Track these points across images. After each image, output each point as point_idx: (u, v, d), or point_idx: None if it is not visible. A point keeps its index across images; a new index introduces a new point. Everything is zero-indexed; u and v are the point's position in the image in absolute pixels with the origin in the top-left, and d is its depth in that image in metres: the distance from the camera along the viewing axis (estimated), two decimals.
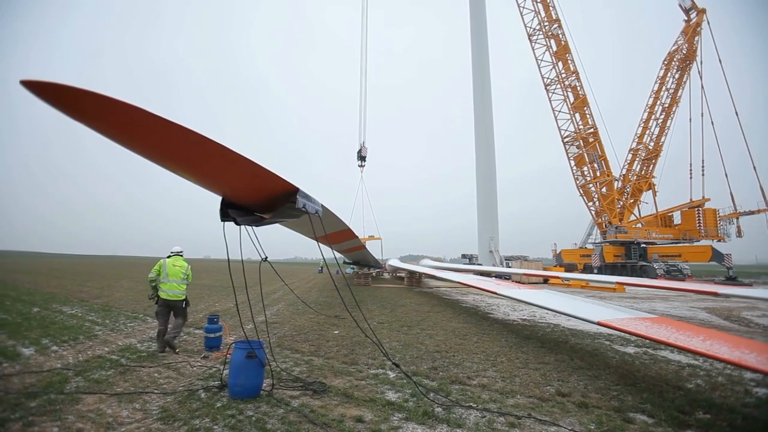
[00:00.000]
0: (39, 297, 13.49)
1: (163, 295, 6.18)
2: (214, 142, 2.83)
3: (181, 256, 6.64)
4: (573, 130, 36.21)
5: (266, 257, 4.94)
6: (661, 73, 38.23)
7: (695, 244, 35.95)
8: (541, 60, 36.29)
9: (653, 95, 38.33)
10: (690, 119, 36.98)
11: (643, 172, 38.20)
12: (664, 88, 37.86)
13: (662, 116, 37.85)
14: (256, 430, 3.58)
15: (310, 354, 6.42)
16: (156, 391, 4.52)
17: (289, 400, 4.30)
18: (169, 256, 6.49)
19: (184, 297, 6.37)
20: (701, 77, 36.36)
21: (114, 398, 4.28)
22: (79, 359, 5.83)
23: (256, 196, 4.16)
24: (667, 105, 37.77)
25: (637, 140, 38.50)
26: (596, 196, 36.84)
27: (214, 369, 5.44)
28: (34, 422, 3.65)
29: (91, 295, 14.47)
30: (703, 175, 36.24)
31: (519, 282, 21.07)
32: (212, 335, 6.55)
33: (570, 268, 34.68)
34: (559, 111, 36.40)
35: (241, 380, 4.36)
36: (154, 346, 6.72)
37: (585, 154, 36.02)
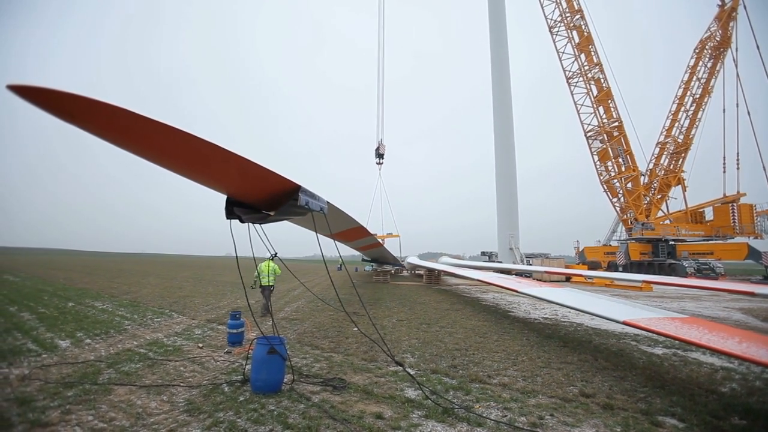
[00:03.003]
0: (73, 292, 14.19)
1: (263, 282, 9.23)
2: (207, 141, 2.84)
3: (272, 260, 9.24)
4: (596, 124, 35.03)
5: (276, 253, 5.02)
6: (692, 62, 36.44)
7: (729, 241, 34.19)
8: (563, 52, 35.21)
9: (683, 86, 36.58)
10: (724, 110, 35.12)
11: (671, 167, 36.58)
12: (695, 77, 36.08)
13: (693, 107, 36.09)
14: (277, 424, 3.65)
15: (330, 350, 6.49)
16: (182, 385, 4.67)
17: (309, 396, 4.37)
18: (264, 260, 9.27)
19: (273, 284, 9.50)
20: (736, 65, 34.38)
21: (143, 390, 4.46)
22: (110, 352, 6.11)
23: (258, 194, 4.20)
24: (698, 96, 35.98)
25: (665, 133, 36.91)
26: (621, 191, 35.58)
27: (237, 364, 5.58)
28: (71, 410, 3.85)
29: (121, 291, 15.11)
30: (738, 168, 34.37)
31: (540, 280, 20.63)
32: (234, 331, 6.71)
33: (593, 266, 33.69)
34: (582, 105, 35.28)
35: (263, 375, 4.46)
36: (179, 341, 6.98)
37: (609, 149, 34.80)
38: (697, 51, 36.36)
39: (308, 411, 3.95)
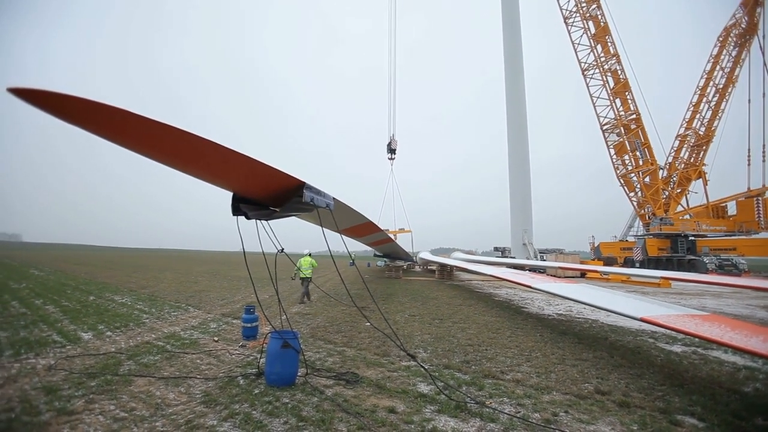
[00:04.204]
0: (94, 287, 14.63)
1: (301, 275, 11.05)
2: (209, 140, 2.85)
3: (310, 255, 11.50)
4: (613, 116, 34.21)
5: (282, 249, 5.07)
6: (715, 51, 35.18)
7: (753, 236, 33.06)
8: (578, 44, 34.43)
9: (705, 76, 35.39)
10: (749, 100, 33.88)
11: (692, 160, 35.54)
12: (718, 67, 34.82)
13: (715, 98, 34.91)
14: (292, 416, 3.70)
15: (343, 345, 6.54)
16: (199, 377, 4.78)
17: (323, 389, 4.42)
18: (303, 256, 11.30)
19: (310, 276, 11.31)
20: (763, 53, 33.03)
21: (161, 381, 4.58)
22: (130, 344, 6.29)
23: (263, 191, 4.23)
24: (721, 86, 34.74)
25: (685, 125, 35.83)
26: (638, 186, 34.74)
27: (252, 357, 5.68)
28: (95, 400, 3.98)
29: (139, 286, 15.51)
30: (763, 161, 33.16)
31: (554, 276, 20.37)
32: (249, 325, 6.82)
33: (609, 261, 33.06)
34: (598, 97, 34.47)
35: (277, 369, 4.52)
36: (195, 334, 7.14)
37: (626, 142, 33.98)
38: (720, 39, 35.08)
39: (322, 404, 3.99)
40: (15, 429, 3.34)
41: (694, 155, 35.55)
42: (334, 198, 4.85)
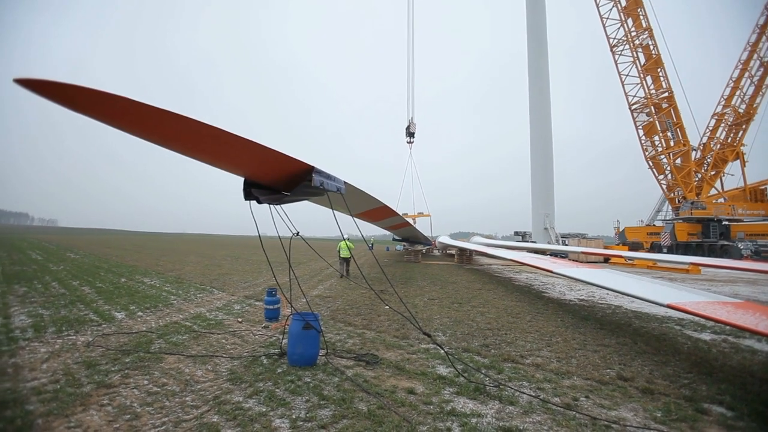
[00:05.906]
0: (125, 269, 15.35)
1: (342, 255, 13.56)
2: (214, 127, 2.86)
3: (348, 239, 13.37)
4: (643, 95, 32.44)
5: (297, 232, 5.12)
6: (762, 21, 32.48)
7: None
8: (607, 18, 32.54)
9: (749, 48, 32.87)
10: None
11: (729, 140, 33.47)
12: (764, 38, 32.22)
13: (759, 72, 32.43)
14: (313, 395, 3.82)
15: (363, 327, 6.66)
16: (224, 356, 4.99)
17: (343, 370, 4.53)
18: (342, 240, 12.73)
19: (349, 256, 13.45)
20: None
21: (190, 359, 4.80)
22: (159, 324, 6.60)
23: (273, 176, 4.25)
24: (767, 59, 32.23)
25: (723, 103, 33.61)
26: (668, 168, 33.11)
27: (274, 338, 5.87)
28: (130, 375, 4.23)
29: (166, 269, 16.16)
30: None
31: (576, 261, 19.94)
32: (271, 307, 7.03)
33: (635, 246, 32.03)
34: (627, 75, 32.70)
35: (299, 349, 4.65)
36: (220, 315, 7.41)
37: (657, 122, 32.26)
38: None
39: (342, 384, 4.10)
40: (61, 399, 3.59)
41: (731, 135, 33.45)
42: (345, 182, 4.83)
